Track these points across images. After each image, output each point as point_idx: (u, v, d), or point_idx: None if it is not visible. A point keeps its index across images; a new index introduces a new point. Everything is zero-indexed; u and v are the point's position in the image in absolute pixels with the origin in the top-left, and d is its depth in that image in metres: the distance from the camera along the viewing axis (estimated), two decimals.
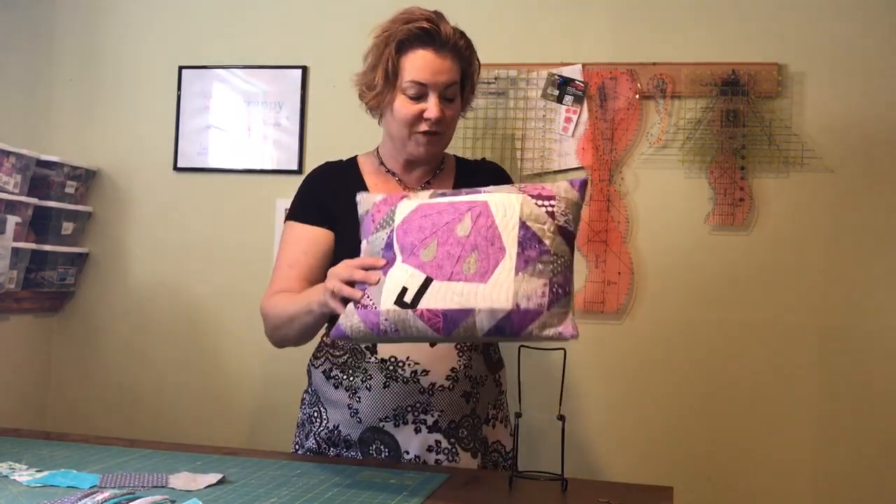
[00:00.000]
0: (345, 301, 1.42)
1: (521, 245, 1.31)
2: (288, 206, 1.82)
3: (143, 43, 2.83)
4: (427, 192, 1.45)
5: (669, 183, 2.49)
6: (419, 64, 1.65)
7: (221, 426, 2.69)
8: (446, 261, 1.32)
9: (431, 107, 1.65)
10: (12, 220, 2.39)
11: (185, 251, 2.76)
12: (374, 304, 1.35)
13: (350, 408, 1.68)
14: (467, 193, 1.40)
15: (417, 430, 1.66)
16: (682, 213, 2.48)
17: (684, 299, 2.47)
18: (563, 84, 2.54)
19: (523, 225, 1.32)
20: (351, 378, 1.69)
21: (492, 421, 1.76)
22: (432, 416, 1.66)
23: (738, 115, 2.43)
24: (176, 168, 2.77)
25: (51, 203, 2.60)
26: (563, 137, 2.54)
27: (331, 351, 1.74)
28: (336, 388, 1.70)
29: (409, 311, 1.32)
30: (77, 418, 2.77)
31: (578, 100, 2.53)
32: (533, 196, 1.35)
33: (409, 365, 1.66)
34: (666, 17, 2.51)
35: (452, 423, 1.67)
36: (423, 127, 1.67)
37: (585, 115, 2.53)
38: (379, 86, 1.68)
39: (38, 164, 2.57)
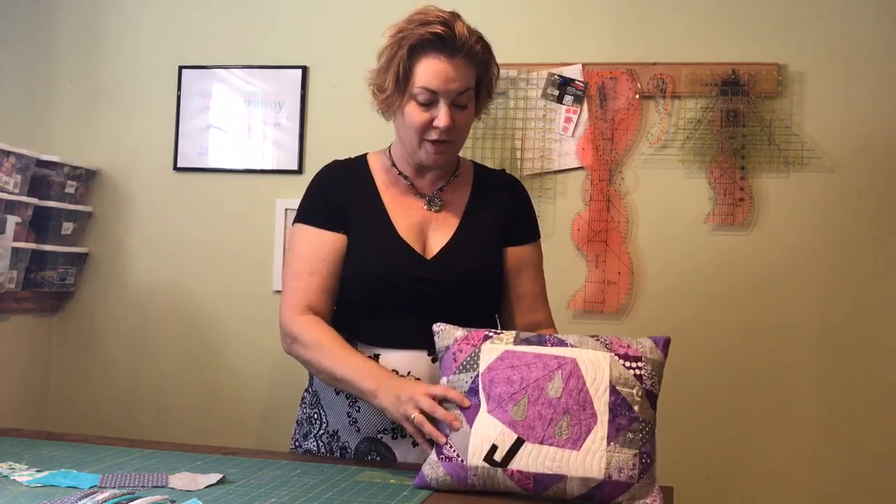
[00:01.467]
0: (420, 432, 1.43)
1: (612, 412, 1.33)
2: (288, 205, 1.80)
3: (143, 43, 2.83)
4: (510, 335, 1.44)
5: (669, 183, 2.49)
6: (431, 71, 1.59)
7: (221, 426, 2.69)
8: (538, 422, 1.33)
9: (441, 115, 1.59)
10: (12, 220, 2.39)
11: (185, 251, 2.76)
12: (460, 457, 1.36)
13: (349, 416, 1.67)
14: (552, 345, 1.40)
15: (415, 444, 1.61)
16: (682, 213, 2.48)
17: (684, 299, 2.47)
18: (563, 84, 2.54)
19: (613, 389, 1.34)
20: None
21: None
22: None
23: (738, 115, 2.43)
24: (176, 168, 2.77)
25: (51, 203, 2.60)
26: (563, 137, 2.54)
27: None
28: (337, 393, 1.68)
29: (499, 470, 1.34)
30: (77, 418, 2.77)
31: (578, 100, 2.53)
32: (620, 355, 1.37)
33: (410, 379, 1.61)
34: (666, 17, 2.51)
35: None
36: (433, 136, 1.61)
37: (585, 115, 2.53)
38: (390, 89, 1.62)
39: (38, 164, 2.57)
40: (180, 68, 2.78)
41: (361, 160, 1.77)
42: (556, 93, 2.54)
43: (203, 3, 2.80)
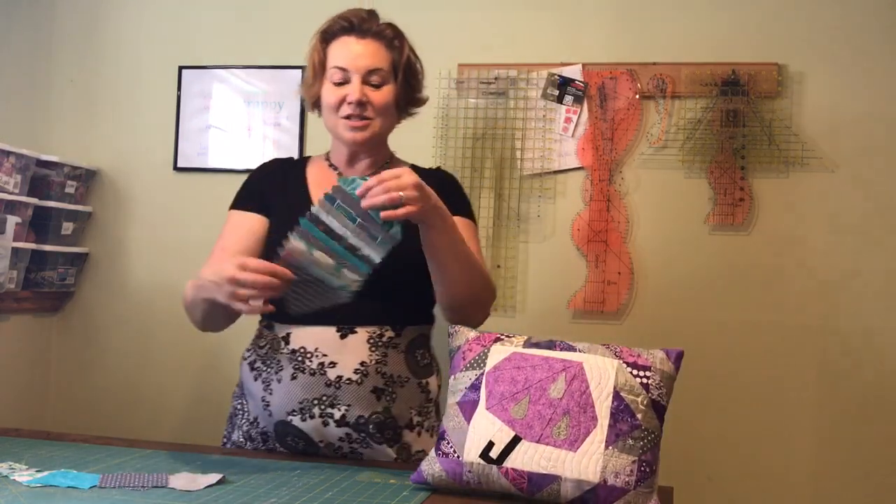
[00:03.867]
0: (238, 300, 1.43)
1: (614, 416, 1.31)
2: None
3: (143, 43, 2.83)
4: (521, 339, 1.44)
5: (669, 183, 2.49)
6: (341, 49, 1.70)
7: (221, 426, 2.68)
8: (537, 421, 1.33)
9: (353, 90, 1.67)
10: (12, 220, 2.39)
11: (186, 251, 2.75)
12: (457, 453, 1.37)
13: (263, 400, 1.68)
14: (561, 349, 1.40)
15: (325, 424, 1.62)
16: (682, 213, 2.48)
17: (684, 299, 2.47)
18: (563, 84, 2.54)
19: (617, 395, 1.33)
20: (268, 370, 1.69)
21: (416, 428, 1.70)
22: (339, 409, 1.62)
23: (738, 115, 2.43)
24: (176, 168, 2.77)
25: (51, 203, 2.60)
26: (563, 137, 2.54)
27: (258, 341, 1.75)
28: (255, 379, 1.70)
29: (495, 468, 1.34)
30: (77, 418, 2.77)
31: (578, 100, 2.53)
32: (628, 363, 1.36)
33: (316, 356, 1.63)
34: (666, 17, 2.51)
35: (361, 418, 1.63)
36: (347, 111, 1.68)
37: (585, 115, 2.53)
38: (310, 78, 1.74)
39: (38, 164, 2.57)
40: (180, 68, 2.78)
41: (301, 159, 1.88)
42: (556, 93, 2.54)
43: (203, 3, 2.80)
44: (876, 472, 2.35)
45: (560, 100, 2.54)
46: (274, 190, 1.78)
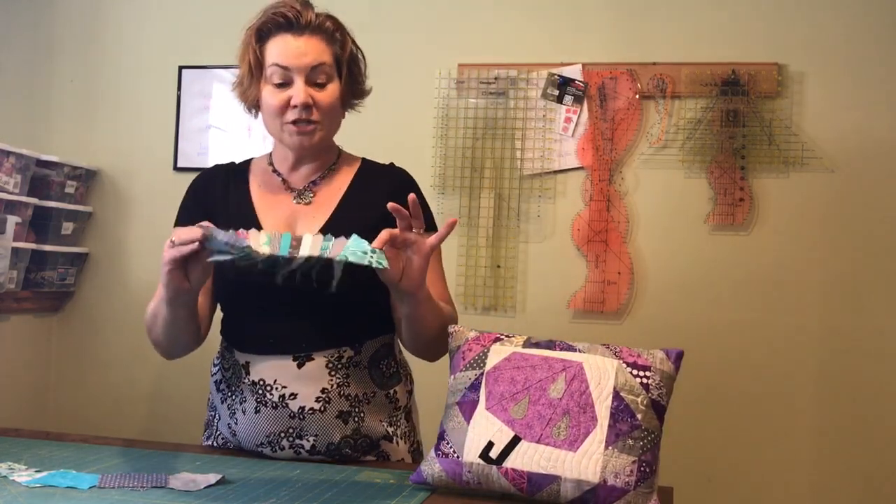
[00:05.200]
0: (178, 267, 1.39)
1: (614, 417, 1.31)
2: None
3: (143, 43, 2.83)
4: (521, 339, 1.44)
5: (669, 183, 2.49)
6: (280, 48, 1.57)
7: None
8: (536, 421, 1.33)
9: (297, 92, 1.54)
10: (12, 220, 2.39)
11: None
12: (456, 453, 1.36)
13: (229, 427, 1.62)
14: (561, 349, 1.40)
15: (297, 454, 1.57)
16: (682, 213, 2.48)
17: (684, 299, 2.47)
18: (563, 84, 2.54)
19: (617, 395, 1.32)
20: (232, 397, 1.62)
21: (393, 438, 1.64)
22: (308, 440, 1.55)
23: (738, 115, 2.43)
24: (176, 168, 2.77)
25: (51, 203, 2.60)
26: (563, 137, 2.54)
27: (224, 361, 1.66)
28: (223, 401, 1.64)
29: (494, 468, 1.33)
30: (77, 418, 2.77)
31: (578, 100, 2.53)
32: (628, 363, 1.36)
33: (276, 388, 1.54)
34: (666, 17, 2.51)
35: (332, 445, 1.57)
36: (292, 115, 1.55)
37: (585, 115, 2.53)
38: (245, 80, 1.62)
39: (38, 164, 2.57)
40: (180, 68, 2.78)
41: (243, 164, 1.73)
42: (556, 93, 2.54)
43: (203, 3, 2.80)
44: (876, 472, 2.35)
45: (560, 100, 2.54)
46: (216, 199, 1.66)
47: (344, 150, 1.73)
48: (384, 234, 1.35)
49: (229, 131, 2.75)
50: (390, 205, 1.38)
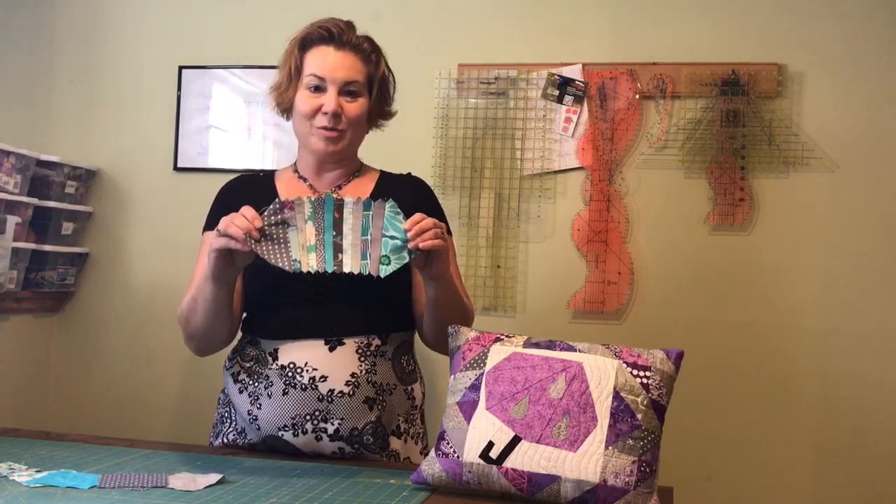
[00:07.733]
0: (224, 253, 1.49)
1: (614, 417, 1.31)
2: None
3: (143, 43, 2.83)
4: (522, 339, 1.45)
5: (669, 183, 2.49)
6: (319, 59, 1.69)
7: None
8: (537, 421, 1.33)
9: (329, 100, 1.66)
10: (12, 220, 2.39)
11: (186, 251, 2.74)
12: (457, 453, 1.37)
13: (250, 414, 1.65)
14: (561, 349, 1.40)
15: (318, 439, 1.61)
16: (682, 213, 2.48)
17: (684, 299, 2.47)
18: (563, 84, 2.54)
19: (617, 395, 1.33)
20: (255, 384, 1.65)
21: (403, 435, 1.70)
22: (332, 423, 1.60)
23: (738, 115, 2.43)
24: (176, 168, 2.77)
25: (51, 203, 2.60)
26: (563, 137, 2.54)
27: (241, 355, 1.72)
28: (241, 392, 1.67)
29: (494, 468, 1.34)
30: (77, 418, 2.77)
31: (578, 100, 2.53)
32: (628, 363, 1.36)
33: (307, 371, 1.61)
34: (666, 17, 2.51)
35: (355, 431, 1.62)
36: (322, 122, 1.67)
37: (585, 115, 2.53)
38: (283, 83, 1.73)
39: (38, 164, 2.57)
40: (180, 68, 2.78)
41: (268, 174, 1.86)
42: (556, 93, 2.54)
43: (203, 3, 2.80)
44: (876, 473, 2.35)
45: (560, 100, 2.54)
46: (244, 203, 1.68)
47: (364, 163, 1.84)
48: (417, 216, 1.48)
49: (229, 131, 2.75)
50: (417, 215, 1.49)
